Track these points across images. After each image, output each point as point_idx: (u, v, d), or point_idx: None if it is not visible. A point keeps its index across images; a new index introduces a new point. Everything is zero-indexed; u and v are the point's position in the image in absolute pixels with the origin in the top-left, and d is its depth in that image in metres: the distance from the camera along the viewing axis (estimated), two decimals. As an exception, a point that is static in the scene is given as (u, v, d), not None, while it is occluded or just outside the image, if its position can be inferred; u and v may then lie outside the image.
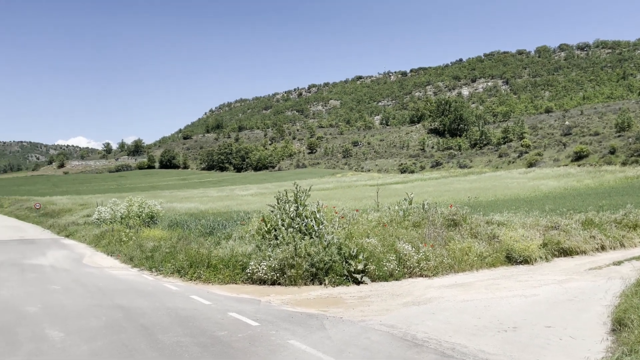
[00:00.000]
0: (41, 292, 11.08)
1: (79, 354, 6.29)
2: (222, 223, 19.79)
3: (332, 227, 13.22)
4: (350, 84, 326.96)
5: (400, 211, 15.75)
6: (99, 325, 7.81)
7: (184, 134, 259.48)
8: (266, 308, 9.11)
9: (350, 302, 9.59)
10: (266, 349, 6.36)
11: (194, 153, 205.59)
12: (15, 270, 14.78)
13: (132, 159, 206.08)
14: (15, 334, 7.36)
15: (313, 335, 6.99)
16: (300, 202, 13.30)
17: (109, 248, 20.14)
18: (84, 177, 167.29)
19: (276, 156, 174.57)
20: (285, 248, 11.88)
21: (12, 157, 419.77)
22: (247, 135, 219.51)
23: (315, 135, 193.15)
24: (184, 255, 13.86)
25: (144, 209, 26.26)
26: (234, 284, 11.99)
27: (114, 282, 12.66)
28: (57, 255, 19.22)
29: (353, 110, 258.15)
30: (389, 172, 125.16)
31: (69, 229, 30.34)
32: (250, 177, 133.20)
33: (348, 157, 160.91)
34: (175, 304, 9.48)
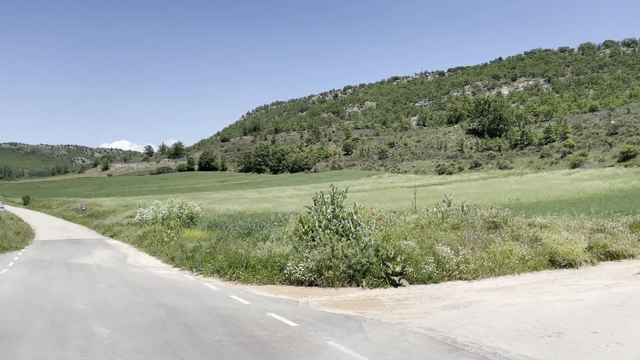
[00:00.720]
0: (88, 290, 11.52)
1: (124, 350, 6.50)
2: (259, 224, 20.03)
3: (369, 228, 13.17)
4: (387, 84, 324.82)
5: (439, 213, 15.55)
6: (143, 323, 8.06)
7: (222, 136, 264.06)
8: (304, 309, 9.17)
9: (388, 304, 9.54)
10: (305, 349, 6.41)
11: (231, 155, 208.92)
12: (64, 269, 15.41)
13: (173, 162, 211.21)
14: (65, 331, 7.67)
15: (351, 337, 7.00)
16: (337, 203, 13.33)
17: (151, 248, 20.71)
18: (127, 179, 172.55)
19: (312, 158, 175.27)
20: (323, 249, 11.92)
21: (59, 160, 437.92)
22: (283, 137, 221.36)
23: (351, 136, 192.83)
24: (223, 256, 14.12)
25: (184, 210, 26.87)
26: (272, 284, 12.12)
27: (156, 282, 13.02)
28: (102, 254, 19.92)
29: (389, 111, 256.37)
30: (426, 173, 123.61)
31: (113, 230, 31.37)
32: (286, 179, 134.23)
33: (384, 158, 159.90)
34: (216, 304, 9.67)
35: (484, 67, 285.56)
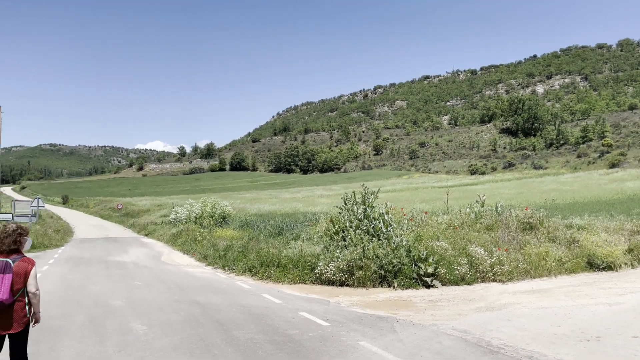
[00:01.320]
0: (125, 288, 11.83)
1: (160, 347, 6.65)
2: (290, 224, 20.16)
3: (400, 229, 13.08)
4: (417, 83, 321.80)
5: (472, 214, 15.31)
6: (178, 320, 8.22)
7: (253, 137, 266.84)
8: (335, 309, 9.18)
9: (420, 305, 9.46)
10: (337, 349, 6.42)
11: (262, 155, 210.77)
12: (101, 267, 15.87)
13: (205, 162, 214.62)
14: (104, 327, 7.90)
15: (384, 338, 6.97)
16: (368, 203, 13.29)
17: (185, 247, 21.11)
18: (161, 179, 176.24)
19: (342, 158, 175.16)
20: (354, 250, 11.91)
21: (96, 160, 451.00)
22: (313, 137, 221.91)
23: (381, 136, 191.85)
24: (255, 255, 14.27)
25: (217, 210, 27.30)
26: (303, 283, 12.18)
27: (190, 280, 13.26)
28: (138, 252, 20.42)
29: (420, 111, 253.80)
30: (458, 173, 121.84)
31: (148, 228, 32.13)
32: (316, 179, 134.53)
33: (415, 158, 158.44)
34: (248, 302, 9.79)
35: (518, 65, 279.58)
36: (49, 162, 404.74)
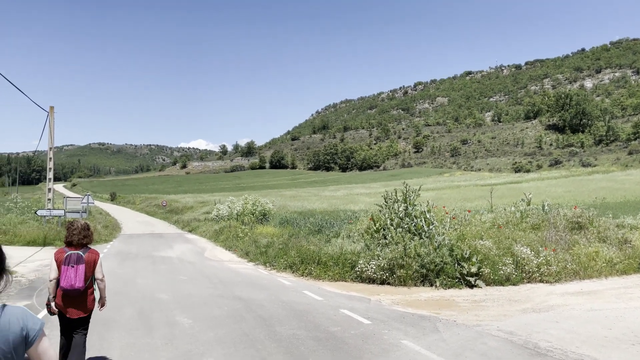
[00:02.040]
0: (171, 282, 12.17)
1: (205, 340, 6.81)
2: (329, 222, 20.21)
3: (442, 227, 12.89)
4: (459, 79, 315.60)
5: (517, 212, 14.91)
6: (222, 314, 8.39)
7: (292, 135, 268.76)
8: (377, 307, 9.14)
9: (463, 305, 9.30)
10: (379, 347, 6.40)
11: (301, 153, 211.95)
12: (148, 261, 16.38)
13: (245, 160, 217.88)
14: (151, 319, 8.15)
15: (427, 337, 6.89)
16: (409, 201, 13.16)
17: (227, 243, 21.50)
18: (203, 177, 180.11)
19: (381, 156, 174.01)
20: (395, 248, 11.82)
21: (142, 159, 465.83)
22: (352, 135, 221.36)
23: (422, 133, 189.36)
24: (296, 252, 14.38)
25: (257, 207, 27.67)
26: (343, 281, 12.18)
27: (233, 275, 13.51)
28: (182, 248, 20.95)
29: (462, 107, 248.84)
30: (501, 171, 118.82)
31: (191, 225, 32.91)
32: (355, 177, 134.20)
33: (456, 156, 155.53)
34: (290, 298, 9.88)
35: (565, 59, 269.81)
36: (98, 161, 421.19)
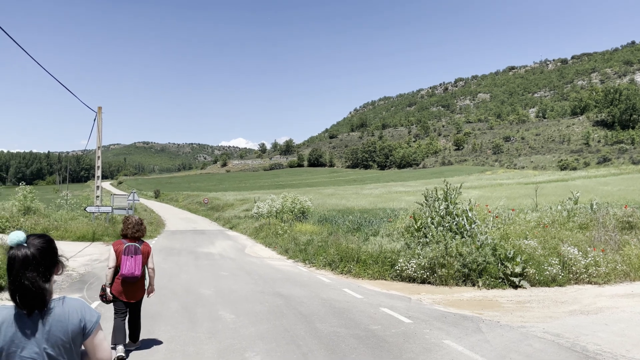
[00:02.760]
0: (213, 277, 12.43)
1: (247, 335, 6.92)
2: (368, 220, 20.13)
3: (485, 226, 12.63)
4: (502, 75, 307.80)
5: (564, 211, 14.43)
6: (263, 310, 8.51)
7: (330, 133, 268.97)
8: (417, 306, 9.05)
9: (507, 306, 9.08)
10: (420, 346, 6.34)
11: (339, 151, 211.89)
12: (191, 257, 16.78)
13: (284, 158, 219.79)
14: (195, 313, 8.36)
15: (469, 338, 6.77)
16: (450, 200, 12.95)
17: (267, 240, 21.76)
18: (243, 175, 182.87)
19: (420, 153, 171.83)
20: (435, 247, 11.67)
21: (184, 157, 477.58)
22: (390, 132, 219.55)
23: (462, 130, 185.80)
24: (335, 250, 14.41)
25: (296, 205, 27.89)
26: (383, 280, 12.13)
27: (273, 272, 13.66)
28: (223, 244, 21.35)
29: (504, 104, 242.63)
30: (546, 169, 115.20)
31: (232, 222, 33.48)
32: (393, 175, 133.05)
33: (499, 153, 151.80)
34: (329, 296, 9.91)
35: (614, 53, 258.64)
36: (142, 159, 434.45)
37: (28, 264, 2.02)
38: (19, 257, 2.02)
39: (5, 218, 21.33)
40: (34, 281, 2.00)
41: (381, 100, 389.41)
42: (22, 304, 2.00)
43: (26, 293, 1.99)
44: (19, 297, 2.00)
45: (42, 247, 2.09)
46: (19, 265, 2.01)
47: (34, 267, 2.02)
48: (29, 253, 2.03)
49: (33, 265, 2.02)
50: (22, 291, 1.99)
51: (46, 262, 2.08)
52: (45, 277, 2.06)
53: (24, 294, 1.99)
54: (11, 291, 2.02)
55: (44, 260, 2.07)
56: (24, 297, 2.00)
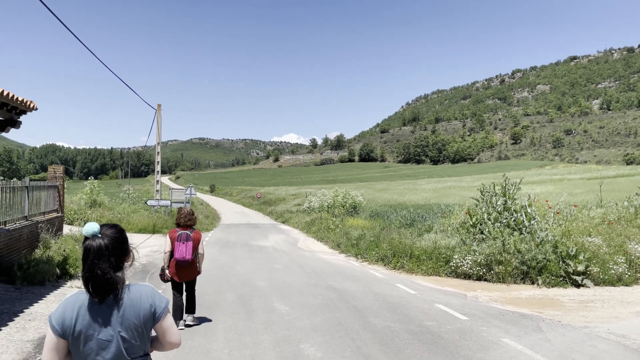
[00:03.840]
0: (267, 270, 12.68)
1: (302, 327, 7.03)
2: (421, 215, 19.85)
3: (545, 223, 12.16)
4: (562, 65, 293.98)
5: (631, 207, 13.68)
6: (316, 303, 8.61)
7: (382, 127, 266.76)
8: (473, 303, 8.87)
9: (569, 305, 8.73)
10: (477, 344, 6.22)
11: (390, 146, 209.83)
12: (245, 250, 17.19)
13: (335, 153, 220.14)
14: (251, 304, 8.57)
15: (529, 337, 6.58)
16: (508, 195, 12.56)
17: (319, 234, 21.93)
18: (294, 170, 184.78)
19: (475, 148, 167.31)
20: (492, 243, 11.37)
21: (237, 152, 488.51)
22: (444, 126, 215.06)
23: (520, 124, 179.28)
24: (387, 245, 14.32)
25: (348, 200, 27.91)
26: (437, 276, 11.95)
27: (325, 265, 13.77)
28: (276, 238, 21.71)
29: (565, 95, 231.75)
30: (610, 163, 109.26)
31: (284, 216, 33.94)
32: (447, 170, 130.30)
33: (559, 147, 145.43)
34: (382, 291, 9.89)
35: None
36: (198, 155, 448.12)
37: (101, 254, 2.11)
38: (94, 247, 2.12)
39: (74, 210, 22.60)
40: (106, 270, 2.10)
41: (434, 94, 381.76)
42: (95, 291, 2.10)
43: (98, 281, 2.09)
44: (91, 285, 2.09)
45: (115, 237, 2.20)
46: (93, 255, 2.11)
47: (106, 257, 2.12)
48: (102, 244, 2.13)
49: (106, 255, 2.12)
50: (94, 280, 2.09)
51: (118, 251, 2.18)
52: (117, 266, 2.16)
53: (96, 282, 2.09)
54: (84, 279, 2.11)
55: (115, 250, 2.17)
56: (96, 285, 2.09)
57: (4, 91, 7.38)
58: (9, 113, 8.30)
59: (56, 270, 9.60)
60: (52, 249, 10.82)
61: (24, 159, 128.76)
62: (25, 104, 8.31)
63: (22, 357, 5.36)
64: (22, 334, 6.13)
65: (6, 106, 8.03)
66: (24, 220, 10.83)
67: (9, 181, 10.45)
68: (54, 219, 12.88)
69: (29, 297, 8.06)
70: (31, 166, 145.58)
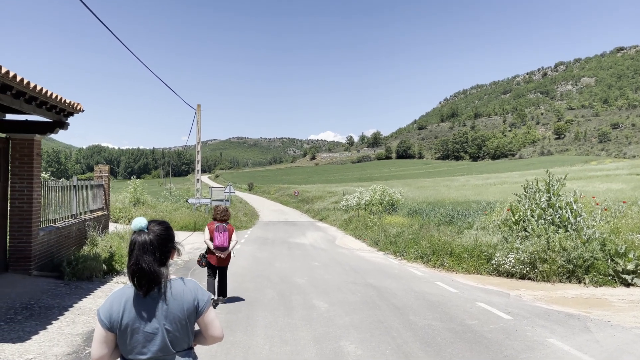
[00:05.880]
0: (305, 267, 12.74)
1: (342, 324, 7.02)
2: (461, 212, 19.49)
3: (592, 220, 11.72)
4: (608, 57, 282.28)
5: (686, 204, 13.00)
6: (356, 301, 8.58)
7: (419, 124, 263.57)
8: (517, 302, 8.64)
9: (618, 305, 8.39)
10: (522, 344, 6.05)
11: (428, 143, 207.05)
12: (284, 247, 17.33)
13: (371, 150, 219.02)
14: (290, 301, 8.62)
15: (576, 337, 6.35)
16: (553, 191, 12.17)
17: (356, 232, 21.87)
18: (331, 168, 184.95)
19: (516, 143, 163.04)
20: (536, 241, 11.04)
21: (275, 151, 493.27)
22: (483, 122, 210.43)
23: (564, 118, 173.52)
24: (427, 243, 14.15)
25: (385, 197, 27.70)
26: (478, 274, 11.72)
27: (363, 263, 13.72)
28: (314, 236, 21.79)
29: (612, 88, 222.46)
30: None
31: (321, 214, 34.03)
32: (487, 166, 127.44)
33: (605, 141, 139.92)
34: (422, 289, 9.76)
35: None
36: (236, 153, 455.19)
37: (146, 248, 2.18)
38: (139, 241, 2.19)
39: (119, 209, 23.36)
40: (150, 264, 2.15)
41: (473, 89, 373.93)
42: (139, 284, 2.16)
43: (143, 274, 2.14)
44: (136, 278, 2.15)
45: (161, 234, 2.25)
46: (138, 249, 2.17)
47: (151, 251, 2.18)
48: (147, 239, 2.19)
49: (150, 250, 2.18)
50: (139, 272, 2.15)
51: (163, 247, 2.24)
52: (161, 261, 2.21)
53: (140, 275, 2.15)
54: (130, 272, 2.18)
55: (161, 246, 2.22)
56: (141, 278, 2.15)
57: (52, 94, 7.68)
58: (57, 115, 8.64)
59: (103, 267, 9.93)
60: (98, 245, 11.21)
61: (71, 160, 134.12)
62: (72, 106, 8.63)
63: (72, 349, 5.57)
64: (72, 328, 6.37)
65: (55, 108, 8.37)
66: (73, 218, 11.27)
67: (58, 181, 10.90)
68: (100, 217, 13.34)
69: (78, 292, 8.38)
70: (78, 166, 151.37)
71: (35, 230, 8.80)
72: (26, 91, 6.84)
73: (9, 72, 6.03)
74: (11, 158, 8.66)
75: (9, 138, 8.65)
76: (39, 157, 8.99)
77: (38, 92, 7.15)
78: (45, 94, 7.42)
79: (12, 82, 6.26)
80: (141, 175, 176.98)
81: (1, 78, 5.96)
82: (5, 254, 8.55)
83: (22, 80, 6.49)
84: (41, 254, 9.06)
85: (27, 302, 7.23)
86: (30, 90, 6.89)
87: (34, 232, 8.73)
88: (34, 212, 8.71)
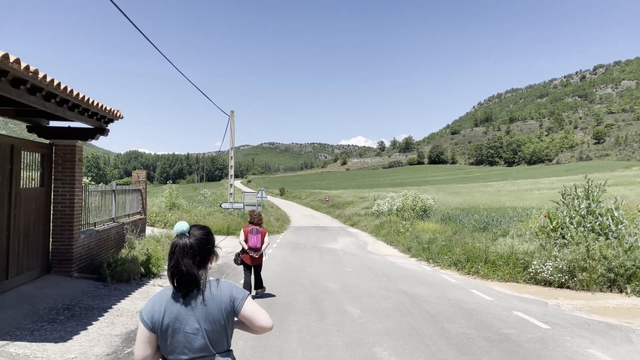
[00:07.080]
0: (337, 272, 12.73)
1: (374, 330, 6.98)
2: (496, 219, 19.10)
3: (634, 227, 11.30)
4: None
5: None
6: (388, 307, 8.52)
7: (452, 129, 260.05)
8: (555, 311, 8.40)
9: (664, 317, 8.05)
10: (562, 354, 5.88)
11: (461, 148, 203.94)
12: (315, 252, 17.36)
13: (403, 155, 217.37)
14: (322, 306, 8.63)
15: (618, 348, 6.13)
16: (593, 197, 11.80)
17: (388, 238, 21.71)
18: (362, 173, 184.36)
19: (553, 148, 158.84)
20: (575, 249, 10.72)
21: (306, 156, 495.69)
22: (519, 126, 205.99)
23: (603, 122, 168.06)
24: (461, 249, 13.93)
25: (418, 203, 27.41)
26: (515, 282, 11.46)
27: (396, 269, 13.61)
28: (345, 241, 21.75)
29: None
30: None
31: (353, 219, 33.94)
32: (523, 172, 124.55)
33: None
34: (456, 296, 9.61)
35: None
36: (268, 159, 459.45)
37: (186, 252, 2.24)
38: (180, 245, 2.25)
39: (155, 213, 23.90)
40: (189, 267, 2.22)
41: (508, 93, 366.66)
42: (178, 286, 2.22)
43: (182, 276, 2.21)
44: (176, 280, 2.23)
45: (201, 239, 2.32)
46: (178, 252, 2.24)
47: (191, 255, 2.24)
48: (188, 243, 2.26)
49: (190, 253, 2.24)
50: (179, 275, 2.22)
51: (202, 251, 2.30)
52: (201, 265, 2.27)
53: (180, 278, 2.21)
54: (170, 274, 2.25)
55: (200, 250, 2.28)
56: (180, 280, 2.22)
57: (94, 101, 7.96)
58: (98, 122, 8.94)
59: (140, 269, 10.18)
60: (136, 248, 11.50)
61: (109, 165, 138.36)
62: (113, 113, 8.91)
63: (112, 350, 5.73)
64: (111, 329, 6.55)
65: (96, 115, 8.66)
66: (112, 222, 11.60)
67: (98, 186, 11.25)
68: (138, 221, 13.68)
69: (116, 294, 8.61)
70: (116, 171, 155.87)
71: (77, 233, 9.10)
72: (69, 99, 7.11)
73: (54, 80, 6.28)
74: (54, 163, 9.00)
75: (53, 144, 8.99)
76: (81, 163, 9.31)
77: (80, 100, 7.42)
78: (88, 102, 7.69)
79: (57, 90, 6.51)
80: (176, 180, 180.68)
81: (47, 86, 6.22)
82: (48, 256, 8.87)
83: (66, 88, 6.74)
84: (82, 256, 9.36)
85: (68, 303, 7.48)
86: (73, 98, 7.15)
87: (76, 235, 9.04)
88: (75, 215, 9.02)
